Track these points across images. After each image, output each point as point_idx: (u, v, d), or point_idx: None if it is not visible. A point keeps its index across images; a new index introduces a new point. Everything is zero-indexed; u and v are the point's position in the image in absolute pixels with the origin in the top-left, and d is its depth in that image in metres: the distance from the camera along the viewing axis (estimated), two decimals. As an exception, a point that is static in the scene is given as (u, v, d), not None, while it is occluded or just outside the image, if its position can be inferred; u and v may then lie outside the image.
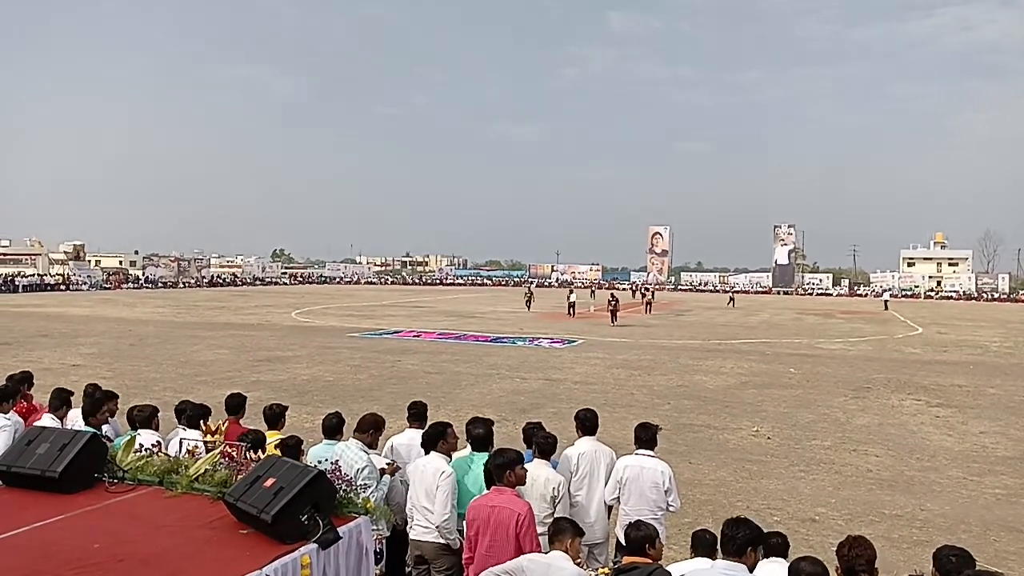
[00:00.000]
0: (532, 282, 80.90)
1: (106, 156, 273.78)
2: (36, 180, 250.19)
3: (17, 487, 3.72)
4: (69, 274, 71.34)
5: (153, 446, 4.33)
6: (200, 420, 5.23)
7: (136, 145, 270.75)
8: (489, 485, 4.34)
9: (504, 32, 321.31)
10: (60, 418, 5.96)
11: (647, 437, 5.14)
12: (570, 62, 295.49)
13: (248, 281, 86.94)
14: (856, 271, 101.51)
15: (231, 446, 4.01)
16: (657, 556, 3.74)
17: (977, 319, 42.76)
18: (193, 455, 4.01)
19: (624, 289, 71.41)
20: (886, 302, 56.39)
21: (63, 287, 65.05)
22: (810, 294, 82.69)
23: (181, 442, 4.64)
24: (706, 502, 7.83)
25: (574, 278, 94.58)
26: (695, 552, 3.93)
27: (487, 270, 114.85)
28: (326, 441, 5.27)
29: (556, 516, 4.31)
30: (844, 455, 10.00)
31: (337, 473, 3.67)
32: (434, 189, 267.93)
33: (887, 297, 60.35)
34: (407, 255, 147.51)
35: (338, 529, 3.28)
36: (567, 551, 3.61)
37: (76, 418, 6.06)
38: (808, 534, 6.89)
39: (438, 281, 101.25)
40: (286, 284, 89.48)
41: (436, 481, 4.53)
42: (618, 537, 4.92)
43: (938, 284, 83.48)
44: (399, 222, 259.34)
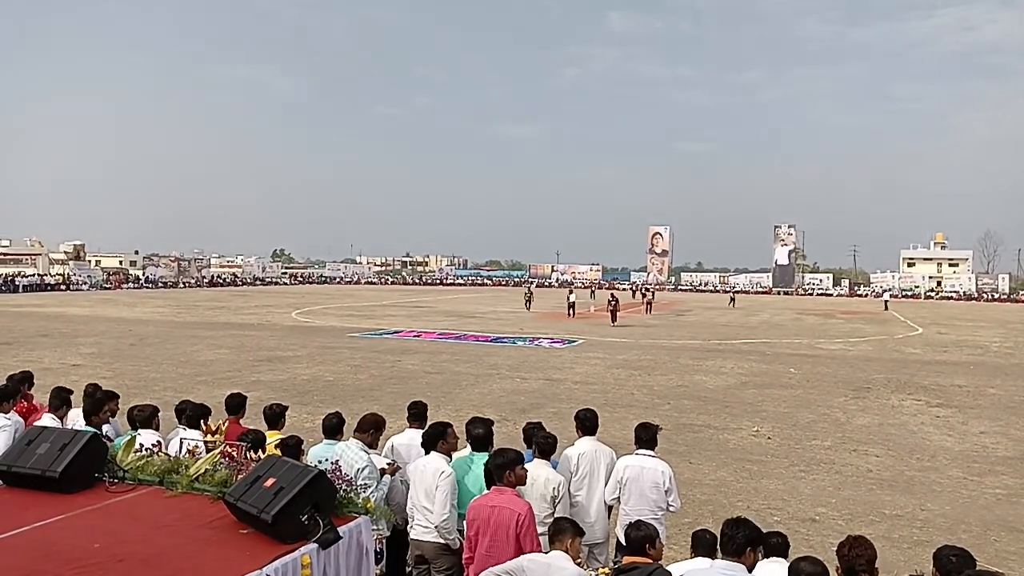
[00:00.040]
0: (532, 282, 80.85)
1: (106, 156, 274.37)
2: (36, 180, 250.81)
3: (17, 487, 3.72)
4: (69, 274, 71.35)
5: (153, 446, 4.33)
6: (200, 420, 5.23)
7: (136, 145, 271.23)
8: (489, 485, 4.34)
9: (504, 32, 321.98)
10: (60, 418, 5.95)
11: (647, 437, 5.14)
12: (570, 62, 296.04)
13: (248, 281, 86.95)
14: (856, 271, 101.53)
15: (231, 446, 4.01)
16: (657, 556, 3.74)
17: (977, 319, 42.76)
18: (193, 455, 4.01)
19: (624, 289, 71.38)
20: (886, 302, 56.41)
21: (63, 287, 65.06)
22: (810, 294, 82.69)
23: (181, 442, 4.64)
24: (706, 502, 7.84)
25: (574, 278, 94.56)
26: (695, 552, 3.93)
27: (487, 270, 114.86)
28: (326, 441, 5.27)
29: (556, 516, 4.31)
30: (844, 455, 10.00)
31: (337, 473, 3.67)
32: (434, 189, 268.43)
33: (887, 297, 60.36)
34: (407, 255, 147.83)
35: (338, 529, 3.28)
36: (567, 551, 3.61)
37: (76, 418, 6.06)
38: (808, 534, 6.89)
39: (438, 281, 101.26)
40: (286, 284, 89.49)
41: (436, 481, 4.53)
42: (618, 537, 4.92)
43: (938, 284, 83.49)
44: (399, 222, 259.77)
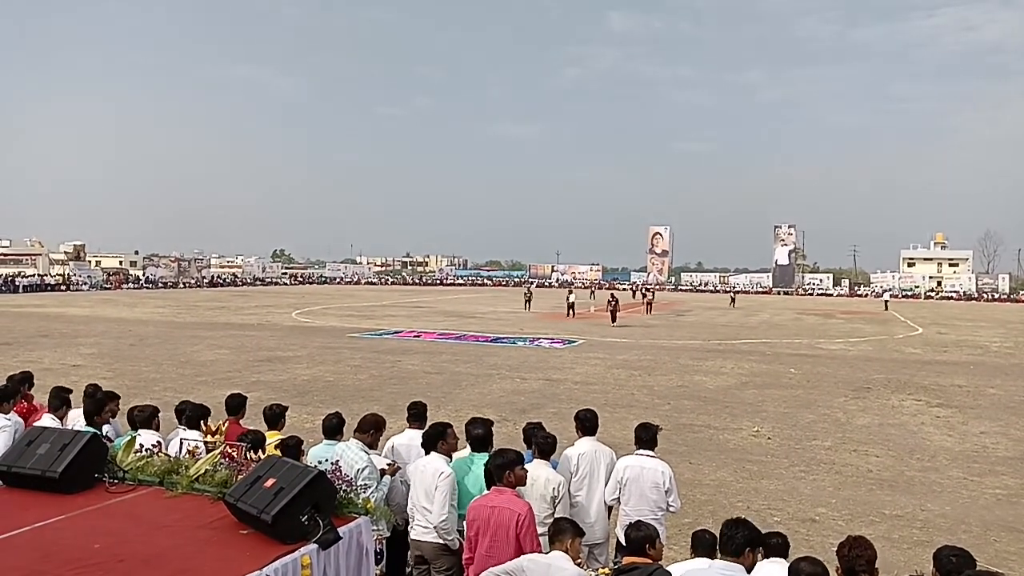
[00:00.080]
0: (532, 282, 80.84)
1: (106, 156, 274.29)
2: (36, 180, 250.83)
3: (18, 487, 3.72)
4: (69, 274, 71.36)
5: (153, 446, 4.33)
6: (200, 420, 5.24)
7: (136, 145, 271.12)
8: (489, 485, 4.34)
9: (504, 32, 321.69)
10: (60, 418, 5.95)
11: (647, 437, 5.14)
12: (570, 62, 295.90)
13: (248, 281, 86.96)
14: (856, 271, 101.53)
15: (231, 446, 4.01)
16: (657, 556, 3.74)
17: (977, 319, 42.76)
18: (193, 455, 4.01)
19: (624, 289, 71.38)
20: (886, 302, 56.40)
21: (63, 287, 65.05)
22: (810, 294, 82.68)
23: (181, 442, 4.64)
24: (706, 502, 7.84)
25: (574, 278, 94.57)
26: (695, 552, 3.93)
27: (487, 270, 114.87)
28: (326, 441, 5.27)
29: (556, 516, 4.32)
30: (844, 455, 10.00)
31: (337, 473, 3.67)
32: (434, 189, 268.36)
33: (887, 297, 60.35)
34: (407, 255, 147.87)
35: (338, 529, 3.28)
36: (567, 551, 3.62)
37: (76, 418, 6.06)
38: (808, 534, 6.89)
39: (438, 281, 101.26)
40: (286, 284, 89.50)
41: (435, 482, 4.53)
42: (618, 537, 4.92)
43: (938, 284, 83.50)
44: (399, 222, 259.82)
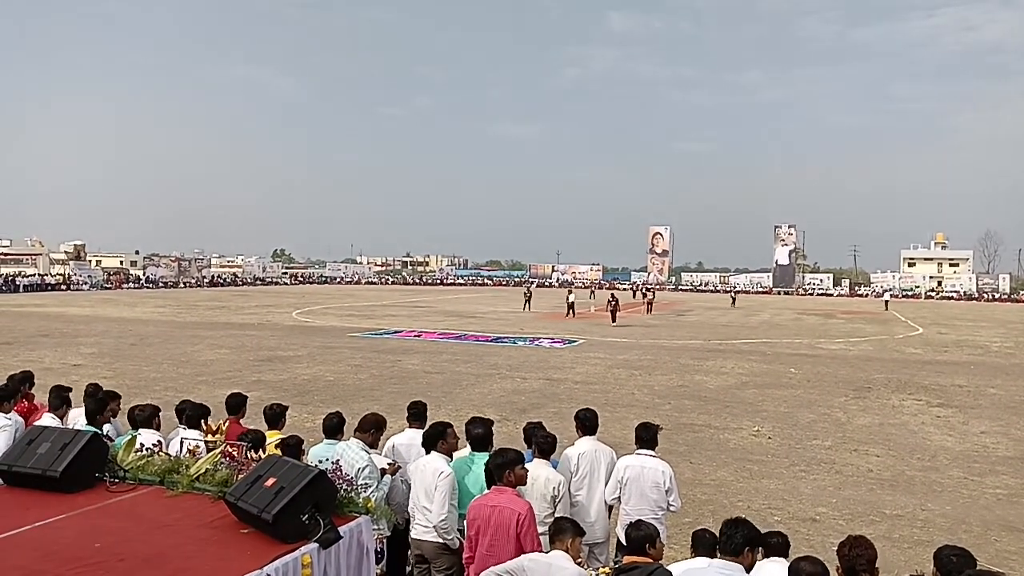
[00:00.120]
0: (532, 282, 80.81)
1: (106, 156, 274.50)
2: (36, 180, 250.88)
3: (18, 487, 3.72)
4: (70, 274, 71.37)
5: (154, 446, 4.33)
6: (200, 420, 5.24)
7: (136, 145, 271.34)
8: (490, 485, 4.34)
9: (504, 32, 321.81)
10: (60, 417, 5.95)
11: (648, 437, 5.14)
12: (570, 62, 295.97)
13: (248, 281, 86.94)
14: (856, 271, 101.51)
15: (232, 446, 4.01)
16: (658, 556, 3.75)
17: (977, 319, 42.75)
18: (194, 455, 4.01)
19: (624, 289, 71.40)
20: (886, 302, 56.40)
21: (64, 287, 65.05)
22: (811, 294, 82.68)
23: (182, 442, 4.64)
24: (707, 502, 7.84)
25: (575, 278, 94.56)
26: (695, 552, 3.93)
27: (487, 270, 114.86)
28: (327, 441, 5.28)
29: (557, 516, 4.32)
30: (845, 455, 10.00)
31: (338, 473, 3.67)
32: (434, 189, 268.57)
33: (887, 297, 60.33)
34: (407, 255, 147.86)
35: (339, 529, 3.28)
36: (568, 551, 3.62)
37: (76, 417, 6.07)
38: (809, 534, 6.89)
39: (438, 281, 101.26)
40: (287, 284, 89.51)
41: (435, 481, 4.54)
42: (619, 537, 4.93)
43: (939, 284, 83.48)
44: (399, 222, 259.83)
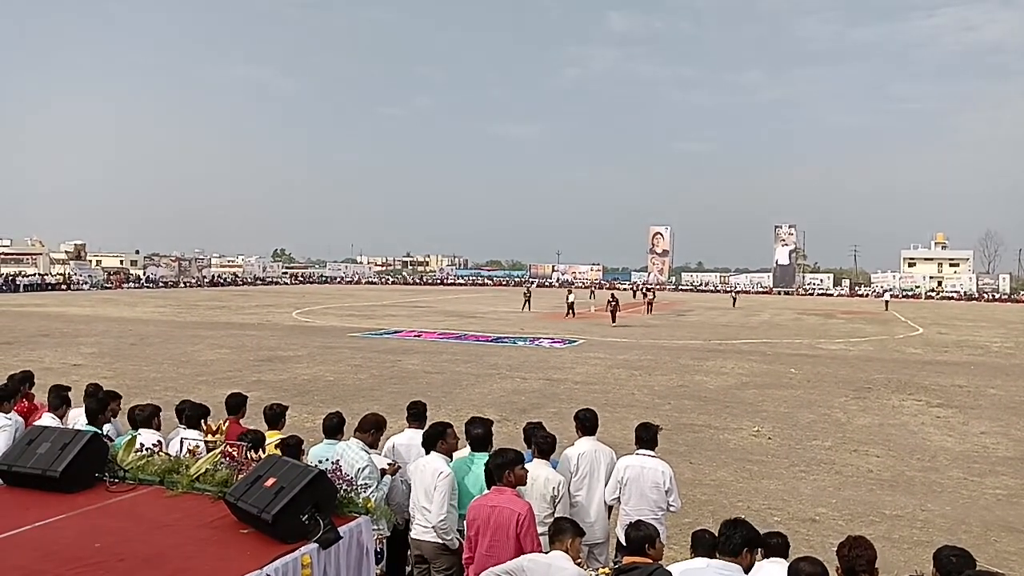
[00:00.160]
0: (532, 282, 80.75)
1: (106, 156, 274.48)
2: (37, 180, 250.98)
3: (18, 487, 3.72)
4: (70, 274, 71.36)
5: (154, 446, 4.33)
6: (200, 420, 5.24)
7: (136, 145, 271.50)
8: (489, 485, 4.34)
9: (504, 32, 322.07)
10: (60, 417, 5.95)
11: (648, 437, 5.14)
12: (570, 62, 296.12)
13: (249, 281, 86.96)
14: (857, 271, 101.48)
15: (232, 446, 4.01)
16: (657, 556, 3.74)
17: (978, 319, 42.74)
18: (194, 455, 4.01)
19: (625, 289, 71.42)
20: (887, 302, 56.39)
21: (64, 287, 65.04)
22: (811, 294, 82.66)
23: (182, 442, 4.64)
24: (706, 502, 7.84)
25: (575, 278, 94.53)
26: (695, 552, 3.93)
27: (488, 270, 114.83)
28: (327, 441, 5.28)
29: (556, 516, 4.32)
30: (845, 455, 10.00)
31: (338, 473, 3.67)
32: (434, 189, 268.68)
33: (888, 297, 60.31)
34: (408, 255, 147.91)
35: (339, 529, 3.28)
36: (567, 551, 3.62)
37: (76, 417, 6.07)
38: (808, 534, 6.89)
39: (439, 281, 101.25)
40: (287, 284, 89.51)
41: (434, 481, 4.54)
42: (618, 537, 4.93)
43: (939, 284, 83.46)
44: (399, 222, 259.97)
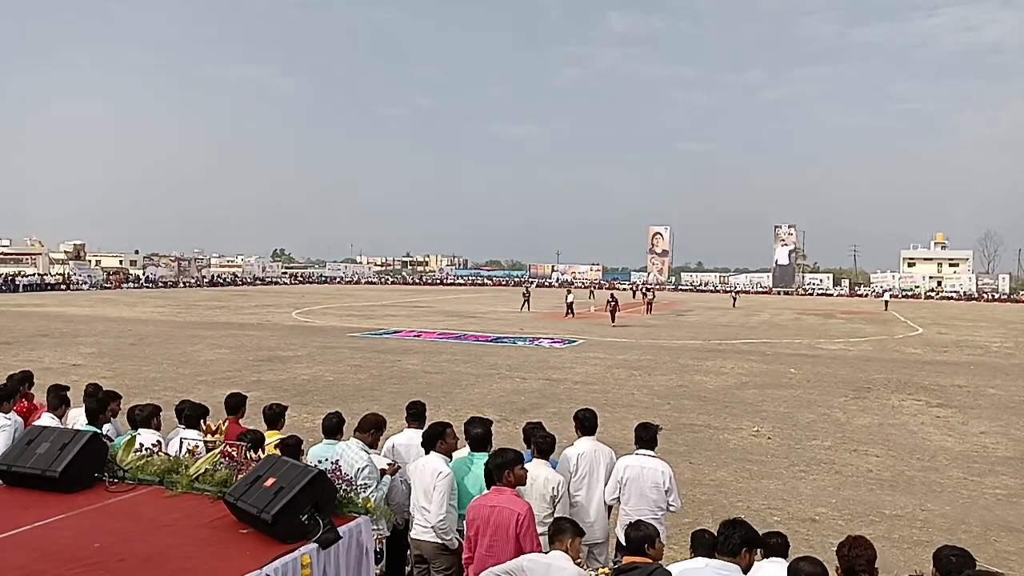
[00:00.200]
0: (532, 282, 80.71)
1: (106, 156, 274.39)
2: (36, 180, 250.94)
3: (17, 487, 3.72)
4: (69, 274, 71.30)
5: (153, 446, 4.33)
6: (199, 419, 5.24)
7: (136, 145, 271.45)
8: (489, 485, 4.34)
9: (504, 32, 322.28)
10: (59, 417, 5.95)
11: (647, 437, 5.14)
12: (570, 62, 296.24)
13: (248, 281, 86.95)
14: (856, 271, 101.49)
15: (231, 446, 4.01)
16: (657, 556, 3.74)
17: (977, 319, 42.75)
18: (193, 455, 4.01)
19: (624, 289, 71.41)
20: (886, 302, 56.40)
21: (63, 287, 65.03)
22: (810, 294, 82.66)
23: (181, 442, 4.64)
24: (706, 502, 7.83)
25: (575, 278, 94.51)
26: (695, 552, 3.93)
27: (487, 270, 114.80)
28: (326, 441, 5.27)
29: (556, 516, 4.31)
30: (844, 455, 10.00)
31: (337, 473, 3.67)
32: (434, 189, 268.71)
33: (887, 297, 60.30)
34: (407, 255, 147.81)
35: (338, 529, 3.28)
36: (567, 551, 3.61)
37: (75, 417, 6.07)
38: (808, 534, 6.89)
39: (438, 281, 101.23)
40: (286, 284, 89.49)
41: (433, 481, 4.54)
42: (618, 537, 4.93)
43: (938, 284, 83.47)
44: (399, 222, 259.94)
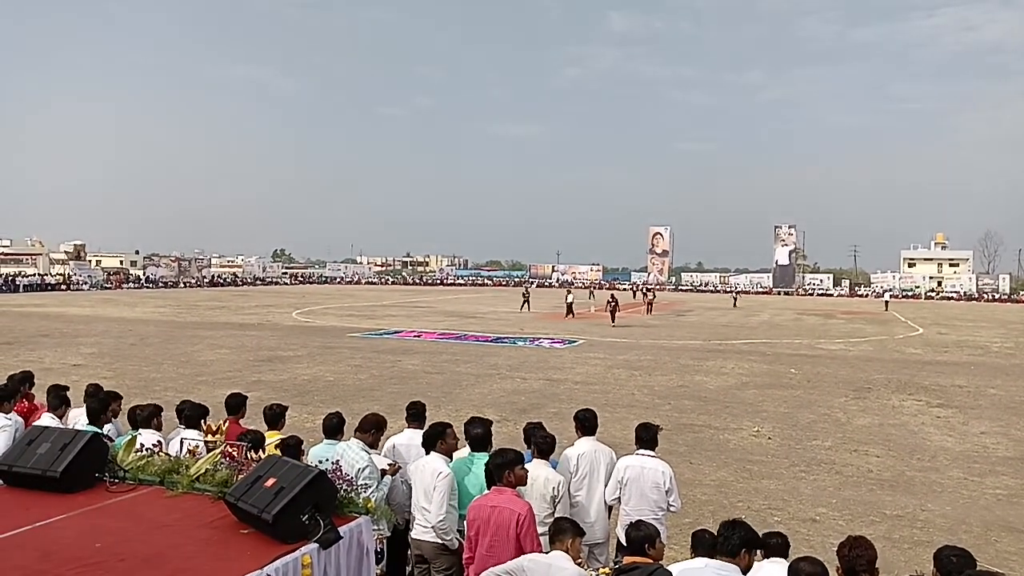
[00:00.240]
0: (532, 283, 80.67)
1: (106, 156, 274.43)
2: (36, 180, 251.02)
3: (18, 487, 3.72)
4: (70, 274, 71.34)
5: (154, 446, 4.33)
6: (199, 420, 5.24)
7: (136, 145, 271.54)
8: (489, 485, 4.34)
9: (504, 32, 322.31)
10: (59, 417, 5.95)
11: (648, 437, 5.14)
12: (570, 62, 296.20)
13: (249, 281, 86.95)
14: (857, 271, 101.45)
15: (232, 446, 4.01)
16: (658, 556, 3.74)
17: (978, 320, 42.74)
18: (194, 455, 4.01)
19: (625, 289, 71.40)
20: (887, 302, 56.38)
21: (64, 287, 65.04)
22: (811, 294, 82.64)
23: (182, 442, 4.64)
24: (707, 502, 7.83)
25: (575, 278, 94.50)
26: (695, 552, 3.93)
27: (488, 270, 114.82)
28: (327, 441, 5.28)
29: (556, 516, 4.32)
30: (845, 455, 10.00)
31: (338, 473, 3.67)
32: (434, 189, 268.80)
33: (887, 298, 60.27)
34: (408, 255, 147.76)
35: (339, 529, 3.28)
36: (568, 551, 3.61)
37: (76, 417, 6.07)
38: (809, 534, 6.89)
39: (439, 281, 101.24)
40: (287, 284, 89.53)
41: (433, 482, 4.55)
42: (619, 537, 4.93)
43: (939, 284, 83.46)
44: (399, 222, 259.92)
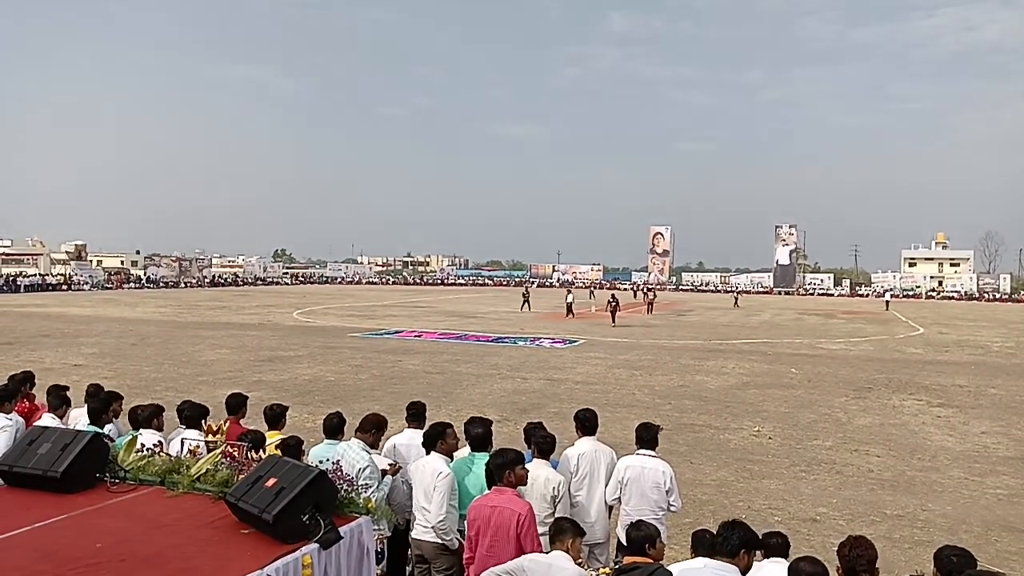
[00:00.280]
0: (533, 283, 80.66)
1: (106, 156, 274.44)
2: (37, 180, 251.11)
3: (19, 487, 3.72)
4: (71, 274, 71.38)
5: (155, 446, 4.34)
6: (200, 420, 5.25)
7: (137, 145, 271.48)
8: (490, 485, 4.34)
9: (504, 32, 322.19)
10: (60, 417, 5.96)
11: (648, 437, 5.14)
12: (570, 62, 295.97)
13: (249, 281, 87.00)
14: (857, 271, 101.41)
15: (232, 446, 4.01)
16: (658, 556, 3.74)
17: (978, 319, 42.73)
18: (194, 455, 4.01)
19: (625, 289, 71.40)
20: (887, 302, 56.38)
21: (65, 287, 65.08)
22: (811, 294, 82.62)
23: (183, 442, 4.65)
24: (707, 502, 7.84)
25: (575, 278, 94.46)
26: (695, 552, 3.93)
27: (488, 270, 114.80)
28: (327, 441, 5.28)
29: (557, 516, 4.32)
30: (845, 455, 10.00)
31: (338, 473, 3.67)
32: (434, 189, 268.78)
33: (888, 297, 60.29)
34: (408, 255, 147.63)
35: (339, 529, 3.28)
36: (568, 551, 3.62)
37: (76, 417, 6.08)
38: (809, 534, 6.89)
39: (439, 281, 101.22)
40: (287, 284, 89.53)
41: (433, 482, 4.55)
42: (619, 537, 4.93)
43: (939, 284, 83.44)
44: (399, 222, 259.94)
